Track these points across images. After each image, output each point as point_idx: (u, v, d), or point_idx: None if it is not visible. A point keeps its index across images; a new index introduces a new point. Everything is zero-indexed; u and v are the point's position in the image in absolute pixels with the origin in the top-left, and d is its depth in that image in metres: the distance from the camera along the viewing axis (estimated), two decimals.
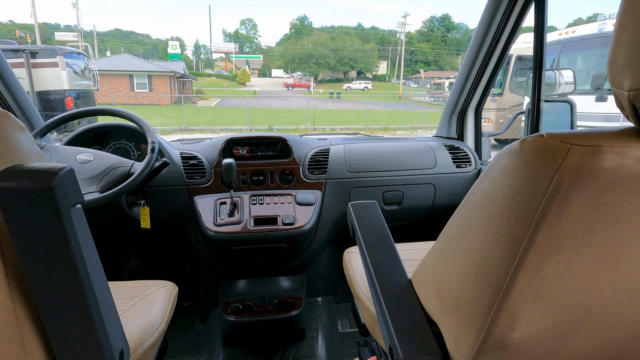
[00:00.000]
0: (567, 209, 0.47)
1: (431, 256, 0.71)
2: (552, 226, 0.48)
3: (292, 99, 27.06)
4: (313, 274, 1.90)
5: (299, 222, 1.58)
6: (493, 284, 0.53)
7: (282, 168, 1.69)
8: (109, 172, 1.39)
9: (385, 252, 0.84)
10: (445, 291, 0.64)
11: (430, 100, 28.04)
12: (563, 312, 0.55)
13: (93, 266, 0.61)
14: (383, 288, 0.76)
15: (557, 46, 7.16)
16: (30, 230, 0.54)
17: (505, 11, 1.49)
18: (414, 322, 0.70)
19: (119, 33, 75.28)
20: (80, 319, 0.60)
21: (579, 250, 0.50)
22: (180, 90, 26.03)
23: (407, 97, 34.39)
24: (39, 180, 0.52)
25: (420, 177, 1.76)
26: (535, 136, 0.50)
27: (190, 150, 1.68)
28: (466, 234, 0.60)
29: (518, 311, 0.53)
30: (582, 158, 0.46)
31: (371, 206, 1.00)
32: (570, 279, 0.52)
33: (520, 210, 0.50)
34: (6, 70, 1.48)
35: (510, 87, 9.26)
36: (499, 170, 0.54)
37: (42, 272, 0.56)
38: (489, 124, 9.43)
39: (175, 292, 1.22)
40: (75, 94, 10.05)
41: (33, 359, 0.61)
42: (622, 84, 0.47)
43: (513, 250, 0.50)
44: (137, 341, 0.94)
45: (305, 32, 61.35)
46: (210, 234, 1.52)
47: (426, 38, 63.43)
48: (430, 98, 29.01)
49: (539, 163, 0.48)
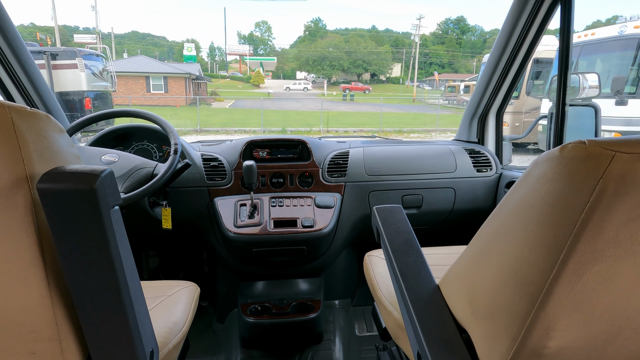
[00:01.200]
0: (611, 217, 0.46)
1: (461, 262, 0.70)
2: (594, 234, 0.47)
3: (306, 100, 27.11)
4: (331, 276, 1.90)
5: (319, 225, 1.58)
6: (530, 292, 0.53)
7: (301, 170, 1.70)
8: (133, 173, 1.41)
9: (412, 257, 0.84)
10: (477, 298, 0.64)
11: (445, 103, 27.85)
12: (602, 321, 0.54)
13: (129, 267, 0.62)
14: (411, 293, 0.76)
15: (577, 49, 7.05)
16: (71, 230, 0.55)
17: (531, 13, 1.47)
18: (444, 329, 0.69)
19: (136, 35, 76.48)
20: (115, 318, 0.61)
21: (621, 259, 0.49)
22: (195, 91, 26.30)
23: (421, 100, 34.20)
24: (81, 182, 0.53)
25: (440, 181, 1.75)
26: (576, 142, 0.49)
27: (211, 152, 1.70)
28: (501, 241, 0.60)
29: (555, 320, 0.53)
30: (627, 165, 0.45)
31: (396, 210, 0.99)
32: (611, 289, 0.51)
33: (560, 218, 0.49)
34: (35, 73, 1.52)
35: (527, 90, 9.13)
36: (537, 176, 0.54)
37: (81, 271, 0.58)
38: (504, 127, 9.33)
39: (198, 293, 1.23)
40: (94, 95, 10.25)
41: (69, 357, 0.62)
42: None
43: (552, 258, 0.50)
44: (162, 341, 0.95)
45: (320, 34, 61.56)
46: (230, 235, 1.53)
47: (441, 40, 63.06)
48: (444, 101, 28.82)
49: (581, 170, 0.47)
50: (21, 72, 1.47)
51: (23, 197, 0.54)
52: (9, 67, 1.43)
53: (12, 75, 1.46)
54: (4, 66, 1.42)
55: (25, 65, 1.47)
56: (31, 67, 1.50)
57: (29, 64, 1.49)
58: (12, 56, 1.42)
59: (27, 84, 1.52)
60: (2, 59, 1.40)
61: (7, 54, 1.40)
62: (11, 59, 1.42)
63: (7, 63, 1.42)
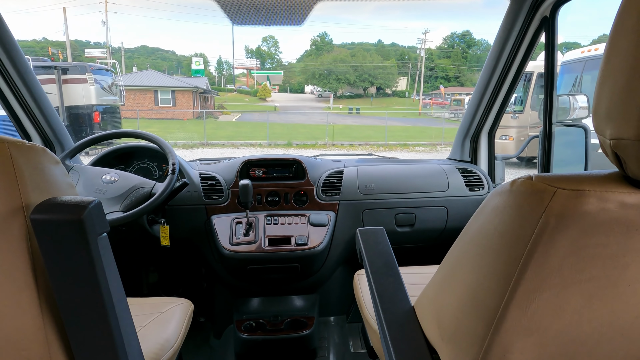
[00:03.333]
0: (554, 249, 0.50)
1: (432, 285, 0.74)
2: (539, 264, 0.51)
3: (312, 114, 27.32)
4: (326, 293, 1.93)
5: (312, 243, 1.62)
6: (486, 317, 0.56)
7: (296, 189, 1.74)
8: (132, 192, 1.46)
9: (389, 279, 0.87)
10: (444, 320, 0.67)
11: (450, 116, 27.84)
12: (555, 345, 0.57)
13: (115, 289, 0.66)
14: (386, 315, 0.79)
15: (580, 64, 7.09)
16: (61, 256, 0.60)
17: (519, 35, 1.51)
18: (415, 350, 0.72)
19: (145, 49, 77.80)
20: (102, 336, 0.65)
21: (567, 287, 0.52)
22: (203, 105, 26.63)
23: (427, 114, 34.27)
24: (70, 213, 0.58)
25: (432, 200, 1.78)
26: (524, 178, 0.53)
27: (209, 170, 1.75)
28: (462, 267, 0.63)
29: (511, 343, 0.56)
30: (567, 201, 0.49)
31: (378, 232, 1.03)
32: (561, 315, 0.54)
33: (510, 248, 0.53)
34: (41, 96, 1.59)
35: (532, 104, 9.15)
36: (492, 208, 0.58)
37: (70, 294, 0.62)
38: (510, 141, 9.32)
39: (191, 310, 1.27)
40: (102, 109, 10.46)
41: None
42: (605, 132, 0.50)
43: (504, 285, 0.53)
44: (153, 357, 0.98)
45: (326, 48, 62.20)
46: (226, 252, 1.57)
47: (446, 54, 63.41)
48: (450, 114, 28.82)
49: (527, 204, 0.51)
50: (31, 101, 1.56)
51: (18, 225, 0.59)
52: (19, 95, 1.51)
53: (23, 104, 1.54)
54: (14, 94, 1.50)
55: (33, 92, 1.55)
56: (37, 90, 1.57)
57: (38, 93, 1.57)
58: (21, 85, 1.50)
59: (37, 113, 1.60)
60: (12, 86, 1.48)
61: (16, 80, 1.47)
62: (22, 89, 1.51)
63: (17, 91, 1.50)
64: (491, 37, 2.05)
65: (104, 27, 28.54)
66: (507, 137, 9.37)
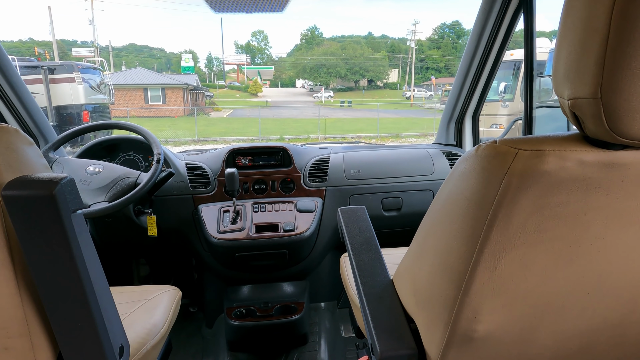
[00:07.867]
0: (517, 209, 0.51)
1: (408, 256, 0.75)
2: (504, 225, 0.52)
3: (304, 108, 27.26)
4: (316, 280, 1.94)
5: (300, 229, 1.63)
6: (456, 280, 0.57)
7: (283, 177, 1.75)
8: (117, 183, 1.46)
9: (369, 254, 0.89)
10: (419, 288, 0.69)
11: (442, 106, 27.86)
12: (524, 305, 0.59)
13: (93, 267, 0.67)
14: (365, 288, 0.81)
15: None
16: (35, 233, 0.60)
17: (497, 19, 1.53)
18: (393, 319, 0.74)
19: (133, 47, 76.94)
20: (81, 315, 0.66)
21: (532, 247, 0.54)
22: (194, 102, 26.45)
23: (419, 105, 34.32)
24: (42, 189, 0.58)
25: (418, 184, 1.80)
26: (489, 142, 0.54)
27: (195, 160, 1.75)
28: (434, 234, 0.65)
29: (480, 304, 0.57)
30: (528, 161, 0.50)
31: (359, 211, 1.04)
32: (527, 274, 0.56)
33: (476, 211, 0.54)
34: (23, 91, 1.58)
35: (522, 93, 9.20)
36: (459, 174, 0.59)
37: (46, 272, 0.62)
38: (501, 129, 9.39)
39: (179, 296, 1.28)
40: (92, 108, 10.33)
41: (40, 352, 0.66)
42: (563, 93, 0.52)
43: (471, 247, 0.55)
44: (140, 341, 0.99)
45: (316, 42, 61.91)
46: (214, 241, 1.58)
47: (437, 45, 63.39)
48: (441, 105, 28.85)
49: (491, 167, 0.53)
50: (13, 96, 1.55)
51: None
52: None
53: (4, 98, 1.53)
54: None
55: (14, 87, 1.54)
56: (20, 87, 1.56)
57: (20, 88, 1.56)
58: (1, 79, 1.49)
59: (20, 107, 1.59)
60: None
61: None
62: (2, 83, 1.49)
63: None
64: None
65: (91, 26, 28.22)
66: (498, 126, 9.43)
